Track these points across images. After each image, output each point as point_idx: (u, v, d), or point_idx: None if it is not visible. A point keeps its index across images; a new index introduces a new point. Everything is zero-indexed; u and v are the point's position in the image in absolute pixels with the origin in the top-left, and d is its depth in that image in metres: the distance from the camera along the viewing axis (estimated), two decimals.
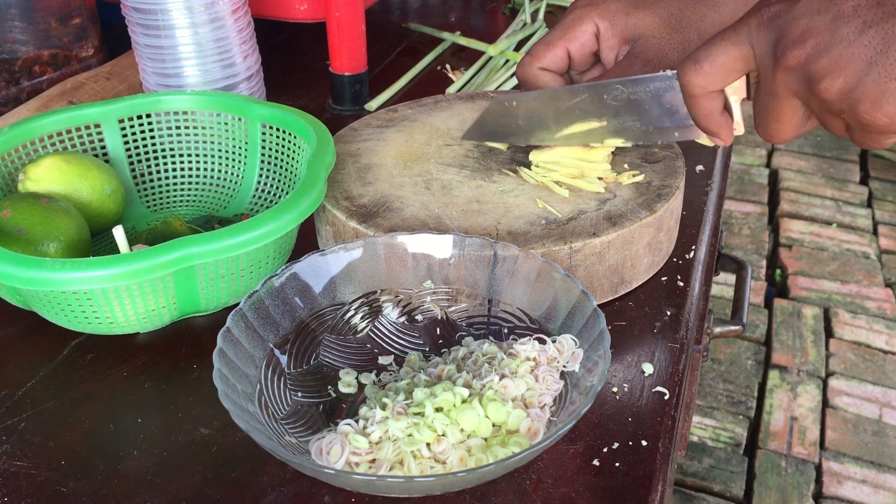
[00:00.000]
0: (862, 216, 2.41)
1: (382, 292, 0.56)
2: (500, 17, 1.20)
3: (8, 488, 0.47)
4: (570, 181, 0.63)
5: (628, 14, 0.61)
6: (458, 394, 0.47)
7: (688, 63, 0.51)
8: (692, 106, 0.53)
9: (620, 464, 0.48)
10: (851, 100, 0.45)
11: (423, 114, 0.75)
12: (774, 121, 0.50)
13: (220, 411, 0.44)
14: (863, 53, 0.44)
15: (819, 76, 0.46)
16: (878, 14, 0.44)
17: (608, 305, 0.61)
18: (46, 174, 0.62)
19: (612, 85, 0.58)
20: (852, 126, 0.47)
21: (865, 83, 0.44)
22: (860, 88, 0.45)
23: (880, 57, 0.44)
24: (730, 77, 0.51)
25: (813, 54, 0.45)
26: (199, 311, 0.57)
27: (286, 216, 0.53)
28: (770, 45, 0.47)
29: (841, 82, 0.45)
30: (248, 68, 0.79)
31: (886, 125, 0.45)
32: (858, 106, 0.45)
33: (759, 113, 0.51)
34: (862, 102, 0.45)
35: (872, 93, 0.44)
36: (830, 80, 0.45)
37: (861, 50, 0.44)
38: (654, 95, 0.58)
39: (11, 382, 0.55)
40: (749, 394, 1.83)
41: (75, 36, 0.86)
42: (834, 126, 0.48)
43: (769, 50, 0.48)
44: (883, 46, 0.44)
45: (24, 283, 0.48)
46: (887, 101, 0.44)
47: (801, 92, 0.47)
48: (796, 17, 0.46)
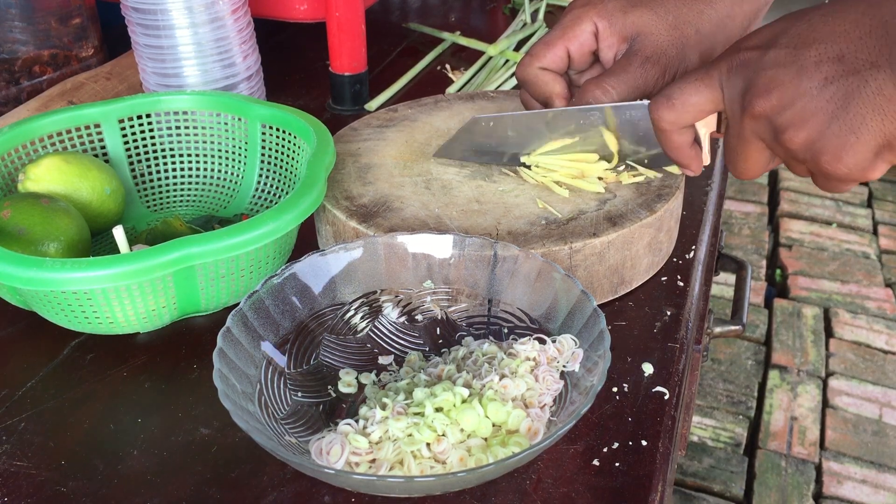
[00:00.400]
0: (862, 216, 2.41)
1: (382, 292, 0.56)
2: (500, 17, 1.20)
3: (8, 488, 0.47)
4: (570, 181, 0.63)
5: (626, 12, 0.61)
6: (458, 394, 0.47)
7: (661, 99, 0.53)
8: (663, 139, 0.55)
9: (620, 464, 0.48)
10: (814, 151, 0.47)
11: (423, 114, 0.75)
12: (742, 160, 0.52)
13: (220, 411, 0.44)
14: (825, 107, 0.46)
15: (783, 127, 0.48)
16: (838, 70, 0.45)
17: (608, 305, 0.61)
18: (46, 174, 0.62)
19: (590, 110, 0.60)
20: (813, 172, 0.50)
21: (827, 136, 0.46)
22: (822, 141, 0.47)
23: (840, 112, 0.46)
24: (699, 115, 0.53)
25: (777, 106, 0.47)
26: (199, 311, 0.57)
27: (286, 216, 0.53)
28: (738, 91, 0.50)
29: (804, 134, 0.47)
30: (248, 68, 0.79)
31: (846, 175, 0.47)
32: (820, 157, 0.47)
33: (727, 152, 0.53)
34: (824, 154, 0.47)
35: (834, 145, 0.46)
36: (794, 131, 0.47)
37: (823, 104, 0.46)
38: (629, 122, 0.59)
39: (11, 382, 0.55)
40: (749, 394, 1.83)
41: (75, 36, 0.86)
42: (797, 170, 0.51)
43: (737, 96, 0.50)
44: (843, 102, 0.45)
45: (24, 283, 0.48)
46: (847, 154, 0.46)
47: (766, 138, 0.50)
48: (763, 67, 0.48)
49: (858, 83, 0.45)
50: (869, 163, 0.47)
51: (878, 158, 0.47)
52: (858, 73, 0.45)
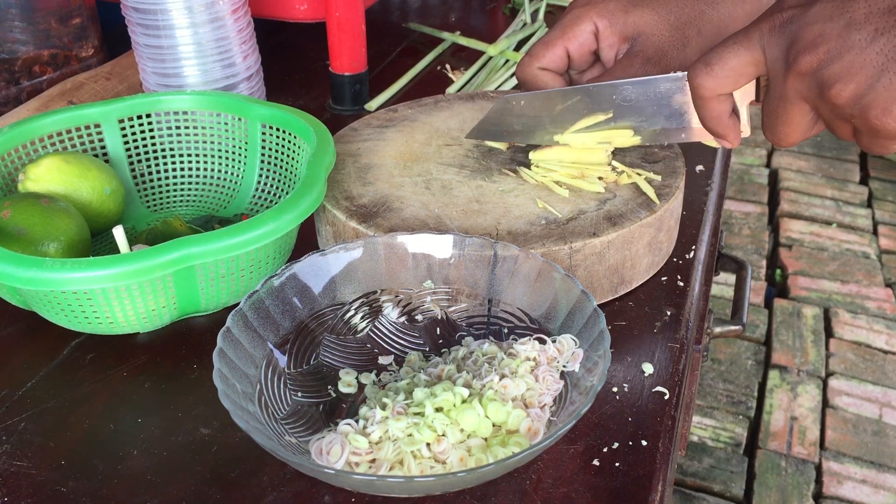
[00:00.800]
0: (862, 216, 2.41)
1: (382, 292, 0.56)
2: (500, 17, 1.20)
3: (8, 488, 0.47)
4: (570, 181, 0.63)
5: (627, 12, 0.61)
6: (458, 394, 0.47)
7: (699, 66, 0.51)
8: (701, 108, 0.54)
9: (620, 464, 0.48)
10: (862, 105, 0.46)
11: (423, 114, 0.75)
12: (783, 124, 0.50)
13: (220, 411, 0.44)
14: (874, 60, 0.45)
15: (830, 82, 0.46)
16: (889, 22, 0.44)
17: (608, 305, 0.61)
18: (46, 174, 0.62)
19: (622, 85, 0.59)
20: (861, 131, 0.48)
21: (876, 89, 0.45)
22: (871, 94, 0.45)
23: (891, 64, 0.44)
24: (740, 81, 0.51)
25: (825, 60, 0.46)
26: (199, 311, 0.57)
27: (286, 216, 0.53)
28: (782, 49, 0.48)
29: (852, 88, 0.45)
30: (248, 68, 0.79)
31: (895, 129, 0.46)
32: (869, 111, 0.46)
33: (767, 116, 0.51)
34: (872, 108, 0.45)
35: (883, 99, 0.45)
36: (841, 85, 0.46)
37: (872, 57, 0.45)
38: (662, 97, 0.58)
39: (11, 382, 0.55)
40: (749, 394, 1.83)
41: (75, 36, 0.86)
42: (842, 131, 0.49)
43: (781, 55, 0.48)
44: (894, 53, 0.44)
45: (24, 283, 0.48)
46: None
47: (811, 97, 0.48)
48: (808, 22, 0.46)
49: None
50: None
51: None
52: None
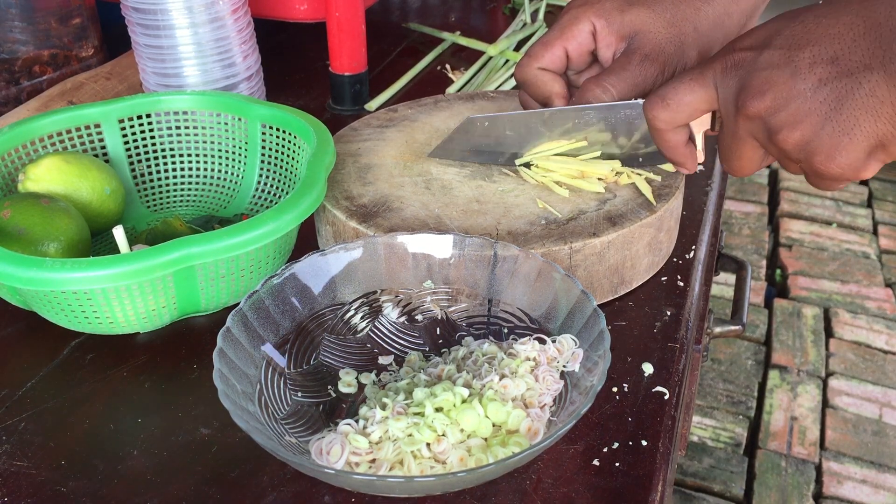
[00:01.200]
0: (862, 216, 2.41)
1: (382, 292, 0.56)
2: (500, 17, 1.20)
3: (8, 488, 0.47)
4: (570, 181, 0.63)
5: (624, 11, 0.62)
6: (458, 394, 0.47)
7: (654, 99, 0.54)
8: (658, 139, 0.56)
9: (620, 464, 0.48)
10: (807, 151, 0.48)
11: (423, 114, 0.75)
12: (736, 158, 0.53)
13: (220, 411, 0.44)
14: (819, 109, 0.46)
15: (777, 128, 0.48)
16: (832, 72, 0.46)
17: (608, 305, 0.61)
18: (46, 174, 0.62)
19: (585, 110, 0.61)
20: (807, 172, 0.50)
21: (821, 136, 0.47)
22: (816, 141, 0.47)
23: (834, 113, 0.46)
24: (694, 115, 0.53)
25: (772, 107, 0.48)
26: (199, 311, 0.57)
27: (286, 216, 0.53)
28: (733, 91, 0.50)
29: (798, 135, 0.48)
30: (248, 68, 0.79)
31: (839, 174, 0.48)
32: (814, 157, 0.48)
33: (721, 150, 0.54)
34: (817, 154, 0.48)
35: (827, 146, 0.47)
36: (788, 132, 0.48)
37: (816, 105, 0.46)
38: (624, 121, 0.60)
39: (11, 382, 0.55)
40: (749, 394, 1.83)
41: (75, 36, 0.86)
42: (790, 168, 0.51)
43: (731, 96, 0.50)
44: (836, 103, 0.46)
45: (24, 283, 0.48)
46: (840, 154, 0.47)
47: (760, 138, 0.50)
48: (758, 68, 0.48)
49: (852, 85, 0.45)
50: (861, 162, 0.47)
51: (870, 158, 0.47)
52: (852, 74, 0.45)
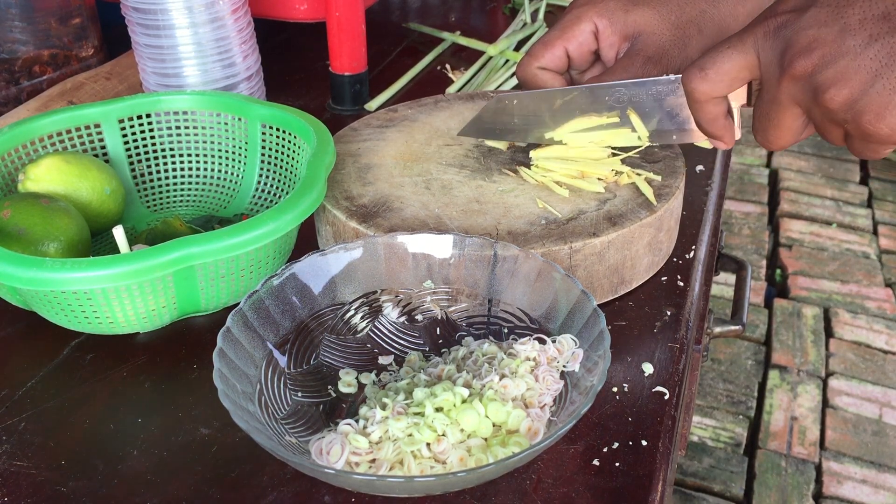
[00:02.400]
0: (862, 216, 2.41)
1: (382, 292, 0.56)
2: (500, 17, 1.20)
3: (8, 488, 0.47)
4: (570, 181, 0.63)
5: (627, 11, 0.61)
6: (459, 394, 0.47)
7: (693, 70, 0.52)
8: (697, 111, 0.54)
9: (620, 464, 0.48)
10: (855, 111, 0.46)
11: (423, 114, 0.75)
12: (774, 128, 0.51)
13: (220, 411, 0.44)
14: (868, 65, 0.45)
15: (825, 86, 0.46)
16: (883, 28, 0.45)
17: (608, 305, 0.61)
18: (46, 174, 0.62)
19: (615, 87, 0.59)
20: (853, 135, 0.48)
21: (870, 95, 0.45)
22: (864, 100, 0.45)
23: (885, 70, 0.45)
24: (734, 84, 0.51)
25: (819, 65, 0.46)
26: (199, 311, 0.57)
27: (286, 216, 0.53)
28: (776, 54, 0.48)
29: (846, 93, 0.46)
30: (248, 68, 0.79)
31: (887, 136, 0.46)
32: (862, 117, 0.46)
33: (759, 119, 0.51)
34: (866, 113, 0.46)
35: (876, 104, 0.45)
36: (836, 90, 0.46)
37: (866, 62, 0.45)
38: (655, 98, 0.59)
39: (11, 382, 0.55)
40: (749, 394, 1.83)
41: (75, 36, 0.86)
42: (833, 135, 0.49)
43: (775, 59, 0.48)
44: (888, 59, 0.44)
45: (24, 283, 0.48)
46: (890, 113, 0.45)
47: (804, 101, 0.48)
48: (803, 27, 0.47)
49: None
50: None
51: None
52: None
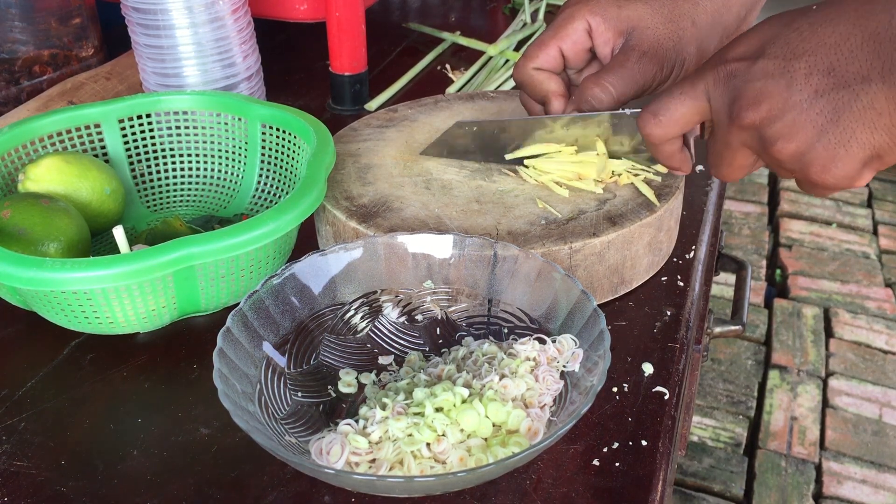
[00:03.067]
0: (862, 216, 2.41)
1: (382, 292, 0.56)
2: (500, 17, 1.20)
3: (8, 488, 0.47)
4: (567, 181, 0.63)
5: (620, 7, 0.61)
6: (458, 394, 0.47)
7: (647, 116, 0.54)
8: (654, 151, 0.56)
9: (620, 464, 0.48)
10: (803, 163, 0.48)
11: (423, 114, 0.75)
12: (726, 166, 0.53)
13: (220, 411, 0.44)
14: (815, 120, 0.46)
15: (772, 139, 0.48)
16: (828, 83, 0.45)
17: (608, 305, 0.61)
18: (46, 174, 0.62)
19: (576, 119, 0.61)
20: (802, 182, 0.50)
21: (816, 149, 0.46)
22: (811, 153, 0.47)
23: (830, 125, 0.46)
24: (686, 127, 0.54)
25: (767, 118, 0.47)
26: (199, 311, 0.57)
27: (286, 216, 0.53)
28: (726, 102, 0.49)
29: (793, 147, 0.47)
30: (248, 68, 0.79)
31: (833, 185, 0.48)
32: (809, 168, 0.48)
33: (712, 156, 0.53)
34: (813, 165, 0.47)
35: (823, 157, 0.47)
36: (783, 143, 0.47)
37: (813, 117, 0.46)
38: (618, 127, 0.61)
39: (11, 382, 0.55)
40: (749, 394, 1.83)
41: (75, 36, 0.86)
42: (783, 175, 0.51)
43: (724, 107, 0.50)
44: (833, 115, 0.45)
45: (24, 283, 0.48)
46: (836, 166, 0.46)
47: (754, 147, 0.50)
48: (751, 79, 0.48)
49: (849, 97, 0.45)
50: (857, 172, 0.47)
51: (865, 168, 0.47)
52: (849, 86, 0.45)
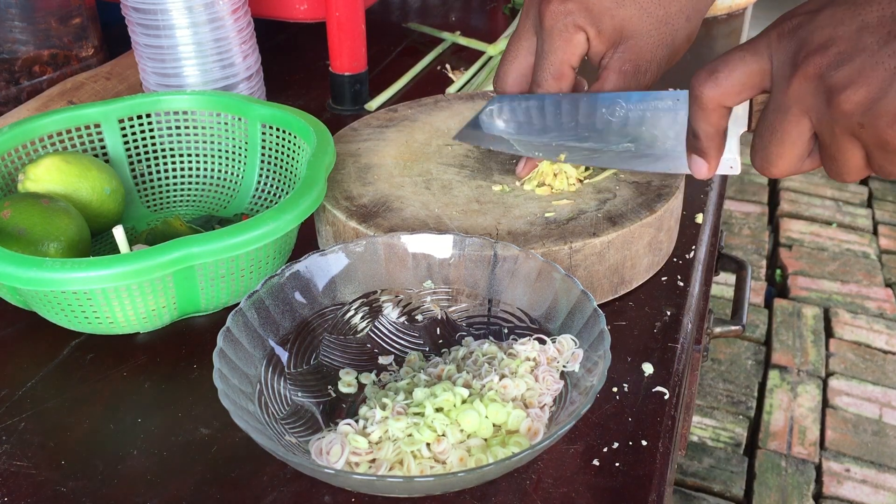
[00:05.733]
0: (862, 216, 2.41)
1: (382, 292, 0.56)
2: (500, 17, 1.20)
3: (8, 488, 0.47)
4: (549, 182, 0.63)
5: (613, 16, 0.58)
6: (458, 394, 0.47)
7: (703, 73, 0.49)
8: (699, 119, 0.51)
9: (620, 464, 0.48)
10: (872, 113, 0.43)
11: (423, 114, 0.75)
12: (778, 143, 0.47)
13: (220, 411, 0.44)
14: (887, 64, 0.42)
15: (840, 86, 0.43)
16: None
17: (608, 305, 0.61)
18: (46, 174, 0.62)
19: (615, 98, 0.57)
20: (870, 146, 0.44)
21: (889, 95, 0.42)
22: (882, 101, 0.42)
23: None
24: (744, 92, 0.49)
25: (835, 62, 0.43)
26: (199, 311, 0.57)
27: (286, 216, 0.53)
28: (790, 54, 0.45)
29: (863, 93, 0.43)
30: (248, 68, 0.79)
31: None
32: (879, 120, 0.43)
33: (761, 135, 0.48)
34: (882, 116, 0.42)
35: (894, 106, 0.42)
36: (852, 90, 0.43)
37: (886, 60, 0.42)
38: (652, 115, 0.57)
39: (11, 382, 0.55)
40: (749, 394, 1.83)
41: (75, 36, 0.86)
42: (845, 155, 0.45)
43: (788, 59, 0.45)
44: None
45: (24, 283, 0.48)
46: None
47: (815, 107, 0.45)
48: (819, 26, 0.44)
49: None
50: None
51: None
52: None
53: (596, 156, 0.60)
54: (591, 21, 0.58)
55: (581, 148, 0.61)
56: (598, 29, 0.58)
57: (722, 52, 0.52)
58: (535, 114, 0.62)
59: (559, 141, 0.61)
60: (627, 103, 0.58)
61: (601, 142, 0.60)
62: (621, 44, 0.59)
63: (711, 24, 1.12)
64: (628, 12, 0.58)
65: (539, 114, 0.62)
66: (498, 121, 0.64)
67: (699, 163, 0.54)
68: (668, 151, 0.57)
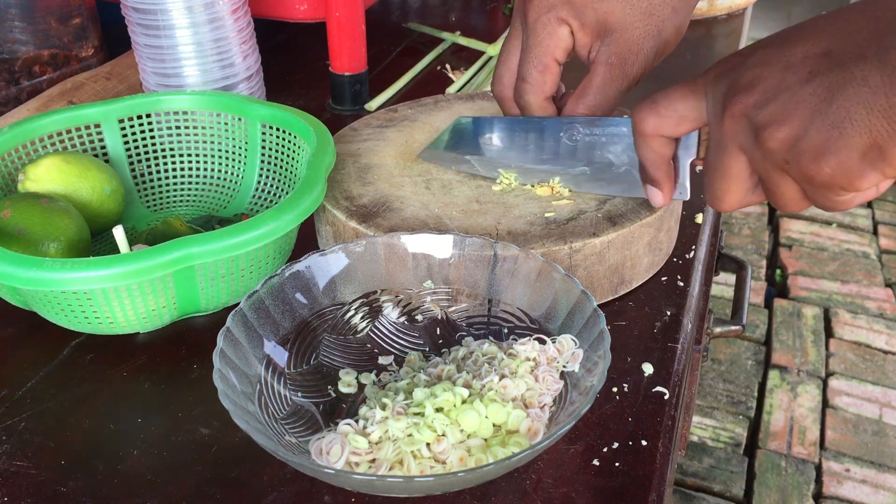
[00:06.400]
0: (862, 216, 2.41)
1: (382, 292, 0.56)
2: (500, 17, 1.20)
3: (8, 488, 0.47)
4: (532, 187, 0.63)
5: (596, 9, 0.59)
6: (458, 394, 0.47)
7: (644, 103, 0.51)
8: (642, 146, 0.53)
9: (620, 464, 0.48)
10: (796, 150, 0.44)
11: (423, 114, 0.75)
12: (721, 177, 0.49)
13: (220, 411, 0.44)
14: (807, 101, 0.43)
15: (764, 124, 0.45)
16: (824, 64, 0.43)
17: (608, 305, 0.61)
18: (46, 174, 0.62)
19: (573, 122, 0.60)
20: (798, 181, 0.45)
21: (809, 132, 0.43)
22: (804, 138, 0.43)
23: (824, 105, 0.43)
24: (683, 124, 0.51)
25: (759, 101, 0.45)
26: (199, 311, 0.57)
27: (286, 216, 0.53)
28: (721, 94, 0.48)
29: (786, 130, 0.44)
30: (248, 68, 0.79)
31: (830, 177, 0.43)
32: (802, 157, 0.44)
33: (706, 171, 0.50)
34: (806, 153, 0.44)
35: (816, 142, 0.43)
36: (775, 128, 0.44)
37: (805, 97, 0.43)
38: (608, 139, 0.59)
39: (11, 382, 0.55)
40: (749, 394, 1.83)
41: (75, 36, 0.86)
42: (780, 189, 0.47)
43: (720, 98, 0.48)
44: (827, 95, 0.43)
45: (24, 283, 0.48)
46: (830, 153, 0.43)
47: (746, 143, 0.46)
48: (748, 66, 0.46)
49: (844, 76, 0.42)
50: (855, 165, 0.43)
51: (864, 162, 0.43)
52: (844, 66, 0.42)
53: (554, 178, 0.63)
54: (574, 14, 0.59)
55: (539, 170, 0.63)
56: (582, 22, 0.59)
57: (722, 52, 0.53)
58: (497, 136, 0.64)
59: (518, 163, 0.63)
60: (584, 128, 0.60)
61: (558, 164, 0.62)
62: (606, 36, 0.59)
63: (711, 25, 1.12)
64: (611, 4, 0.59)
65: (500, 136, 0.64)
66: (460, 142, 0.65)
67: (652, 191, 0.56)
68: (623, 176, 0.60)
